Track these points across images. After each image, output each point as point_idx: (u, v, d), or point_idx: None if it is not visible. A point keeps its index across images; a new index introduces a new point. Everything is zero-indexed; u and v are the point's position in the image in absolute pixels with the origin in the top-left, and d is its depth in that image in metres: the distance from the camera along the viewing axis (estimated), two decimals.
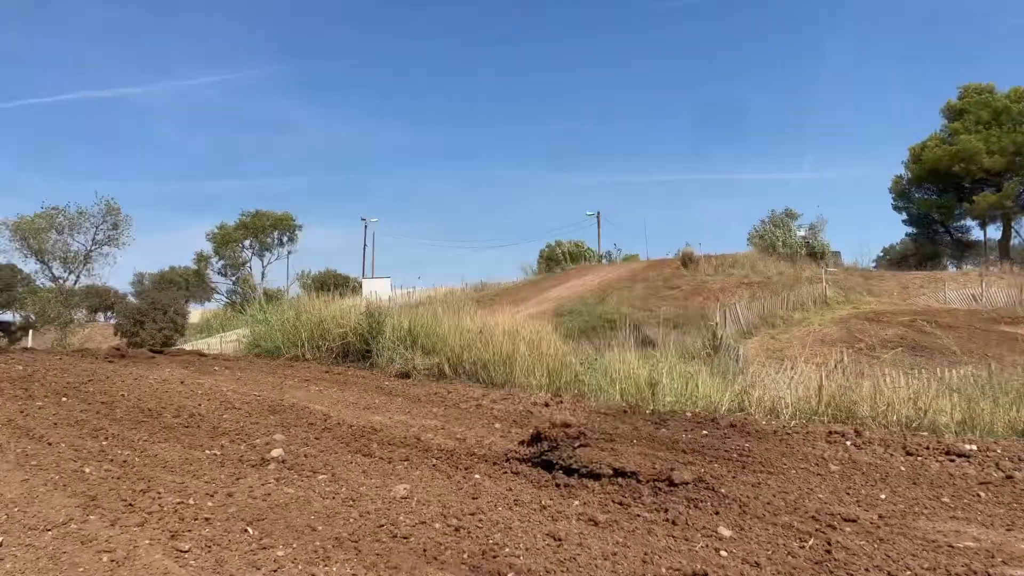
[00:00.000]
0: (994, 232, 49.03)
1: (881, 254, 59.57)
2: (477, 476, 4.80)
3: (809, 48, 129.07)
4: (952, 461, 6.03)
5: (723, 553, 3.60)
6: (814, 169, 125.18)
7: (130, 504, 3.85)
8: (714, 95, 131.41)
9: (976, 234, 50.88)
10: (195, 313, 62.23)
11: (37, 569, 3.11)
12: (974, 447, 6.39)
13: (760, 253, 41.79)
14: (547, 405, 8.32)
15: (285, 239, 66.63)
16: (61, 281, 52.26)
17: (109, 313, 69.12)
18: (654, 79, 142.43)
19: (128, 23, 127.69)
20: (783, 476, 5.33)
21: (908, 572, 3.40)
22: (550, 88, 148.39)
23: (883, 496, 4.88)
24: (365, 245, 70.43)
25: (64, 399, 6.93)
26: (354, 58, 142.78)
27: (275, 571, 3.18)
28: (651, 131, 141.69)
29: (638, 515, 4.10)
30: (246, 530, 3.60)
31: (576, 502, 4.30)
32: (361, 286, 54.47)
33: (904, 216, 52.91)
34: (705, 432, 6.99)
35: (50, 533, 3.49)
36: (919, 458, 6.15)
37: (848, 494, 4.91)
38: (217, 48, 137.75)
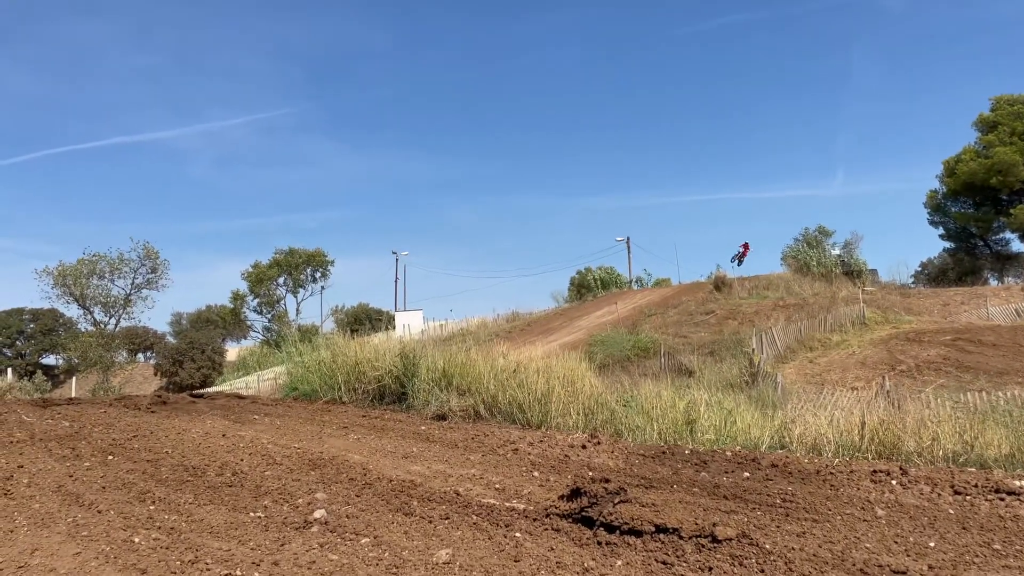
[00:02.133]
0: None
1: (919, 269, 58.42)
2: (518, 534, 4.80)
3: (837, 63, 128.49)
4: (1002, 500, 5.90)
5: None
6: (846, 185, 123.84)
7: None
8: (743, 114, 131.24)
9: (1016, 247, 49.71)
10: (232, 351, 63.15)
11: None
12: (1023, 483, 6.24)
13: (794, 274, 41.26)
14: (584, 447, 8.27)
15: (318, 275, 67.69)
16: (102, 325, 53.48)
17: (149, 353, 70.41)
18: (682, 100, 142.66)
19: (159, 70, 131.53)
20: (828, 524, 5.25)
21: None
22: (575, 114, 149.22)
23: (932, 544, 4.78)
24: (397, 278, 70.88)
25: (111, 457, 7.07)
26: (379, 91, 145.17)
27: None
28: (679, 152, 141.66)
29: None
30: None
31: (619, 562, 4.27)
32: (394, 319, 54.83)
33: (941, 231, 51.93)
34: (747, 474, 6.90)
35: None
36: (967, 497, 6.02)
37: (896, 542, 4.82)
38: (246, 89, 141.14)
